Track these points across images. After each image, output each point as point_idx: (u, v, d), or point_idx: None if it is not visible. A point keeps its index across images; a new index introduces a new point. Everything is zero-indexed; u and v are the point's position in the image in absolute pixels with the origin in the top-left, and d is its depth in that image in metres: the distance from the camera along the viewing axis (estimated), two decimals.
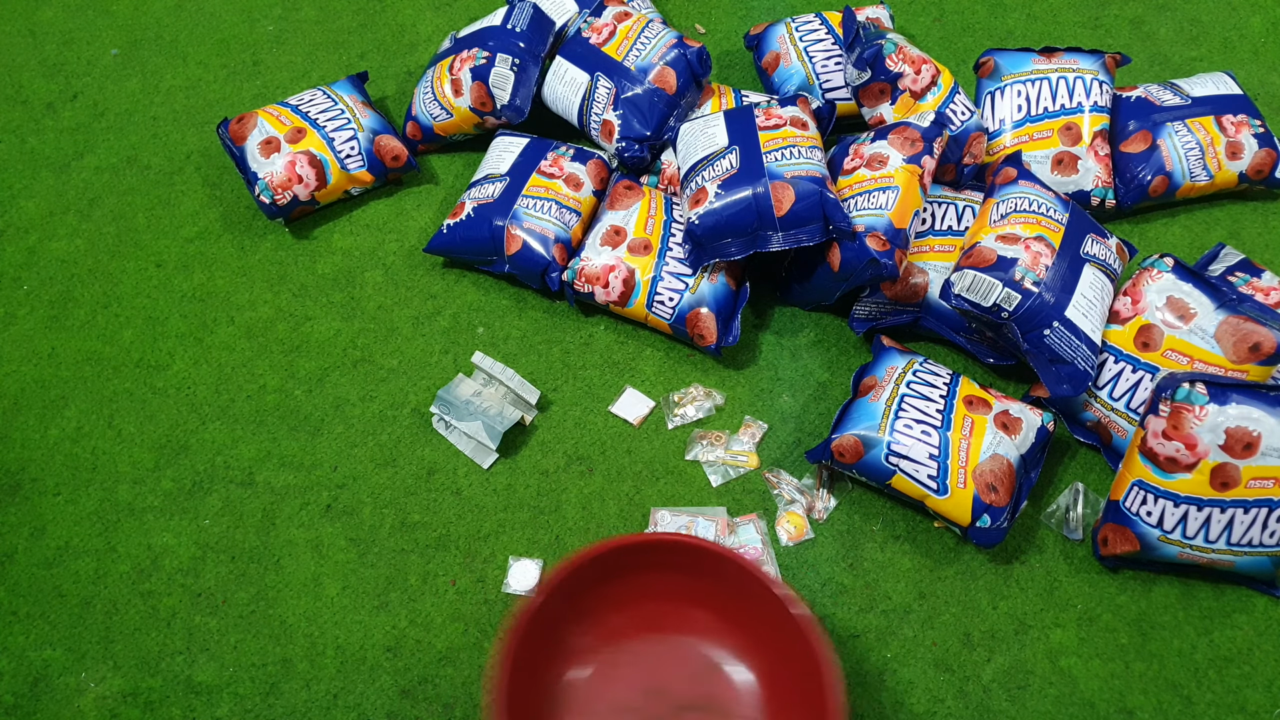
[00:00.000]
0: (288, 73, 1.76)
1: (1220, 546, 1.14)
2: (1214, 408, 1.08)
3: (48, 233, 1.56)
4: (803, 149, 1.32)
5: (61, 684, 1.16)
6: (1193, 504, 1.12)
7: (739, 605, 1.09)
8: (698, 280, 1.35)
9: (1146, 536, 1.16)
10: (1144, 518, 1.15)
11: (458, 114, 1.55)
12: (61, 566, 1.25)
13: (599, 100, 1.49)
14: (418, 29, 1.82)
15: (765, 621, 1.07)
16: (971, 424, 1.20)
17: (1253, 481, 1.10)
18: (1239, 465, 1.09)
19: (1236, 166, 1.47)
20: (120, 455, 1.33)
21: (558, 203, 1.43)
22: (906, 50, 1.41)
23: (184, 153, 1.65)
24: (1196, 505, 1.12)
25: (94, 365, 1.41)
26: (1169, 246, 1.51)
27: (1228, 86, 1.53)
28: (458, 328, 1.45)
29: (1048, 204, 1.30)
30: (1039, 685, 1.15)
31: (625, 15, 1.53)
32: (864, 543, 1.25)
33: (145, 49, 1.80)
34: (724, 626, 1.12)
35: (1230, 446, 1.08)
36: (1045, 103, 1.46)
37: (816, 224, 1.28)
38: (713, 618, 1.12)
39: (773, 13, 1.82)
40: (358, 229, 1.55)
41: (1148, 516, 1.15)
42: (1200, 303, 1.20)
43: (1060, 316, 1.21)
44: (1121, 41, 1.77)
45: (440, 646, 1.18)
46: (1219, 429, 1.08)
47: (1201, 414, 1.09)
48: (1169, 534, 1.14)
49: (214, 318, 1.46)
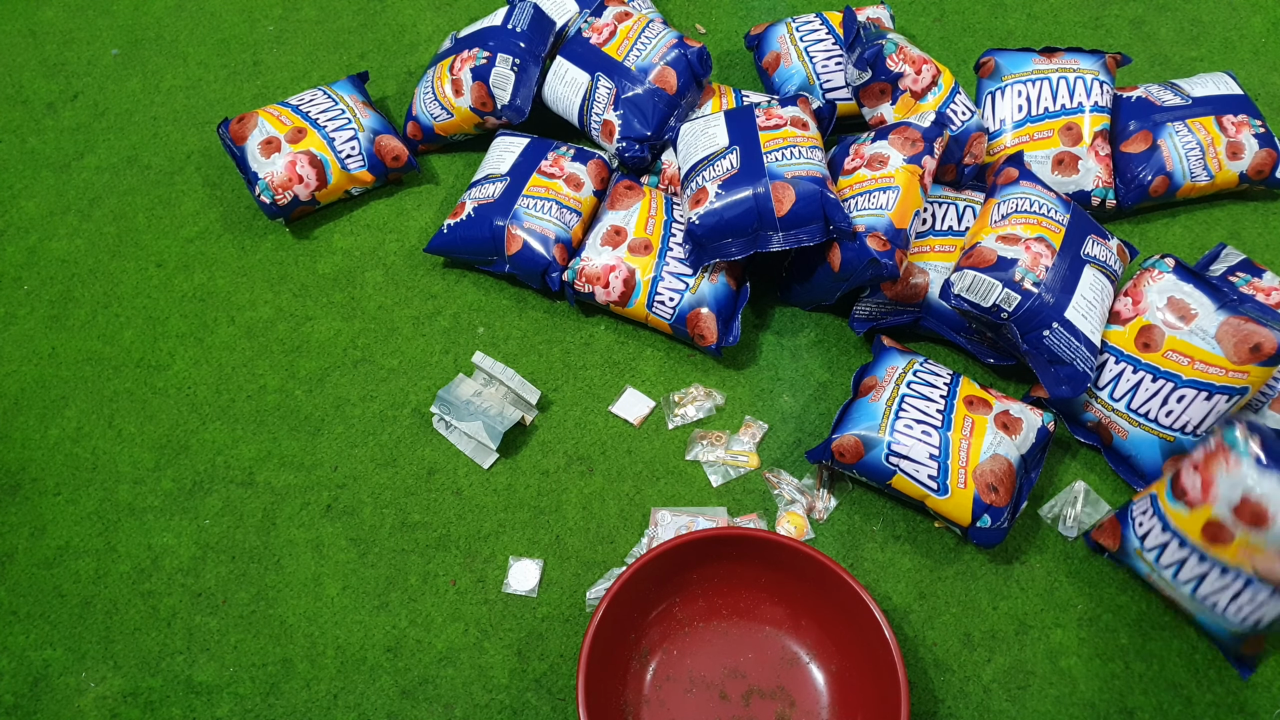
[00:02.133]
0: (288, 73, 1.76)
1: (1184, 593, 1.11)
2: (1250, 468, 1.02)
3: (48, 232, 1.56)
4: (803, 149, 1.32)
5: (61, 684, 1.16)
6: (1178, 539, 1.09)
7: (819, 605, 1.13)
8: (698, 280, 1.35)
9: (1128, 543, 1.16)
10: (1136, 526, 1.15)
11: (458, 114, 1.55)
12: (62, 566, 1.25)
13: (599, 100, 1.49)
14: (418, 29, 1.82)
15: (843, 623, 1.11)
16: (972, 424, 1.20)
17: (1243, 551, 1.04)
18: (1236, 532, 1.03)
19: (1237, 166, 1.47)
20: (120, 455, 1.33)
21: (558, 203, 1.43)
22: (907, 50, 1.41)
23: (184, 153, 1.65)
24: (1180, 542, 1.09)
25: (94, 365, 1.42)
26: (1169, 247, 1.51)
27: (1228, 87, 1.53)
28: (458, 328, 1.45)
29: (1049, 205, 1.30)
30: (1039, 685, 1.15)
31: (626, 15, 1.53)
32: (864, 543, 1.25)
33: (146, 49, 1.80)
34: (803, 623, 1.16)
35: (1241, 511, 1.02)
36: (1046, 103, 1.46)
37: (817, 224, 1.28)
38: (793, 613, 1.16)
39: (773, 13, 1.82)
40: (358, 229, 1.55)
41: (1139, 526, 1.14)
42: (1201, 303, 1.20)
43: (1060, 317, 1.21)
44: (1122, 42, 1.76)
45: (440, 646, 1.18)
46: (1238, 488, 1.02)
47: (1233, 464, 1.03)
48: (1146, 552, 1.13)
49: (214, 318, 1.46)
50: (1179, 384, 1.18)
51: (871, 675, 1.07)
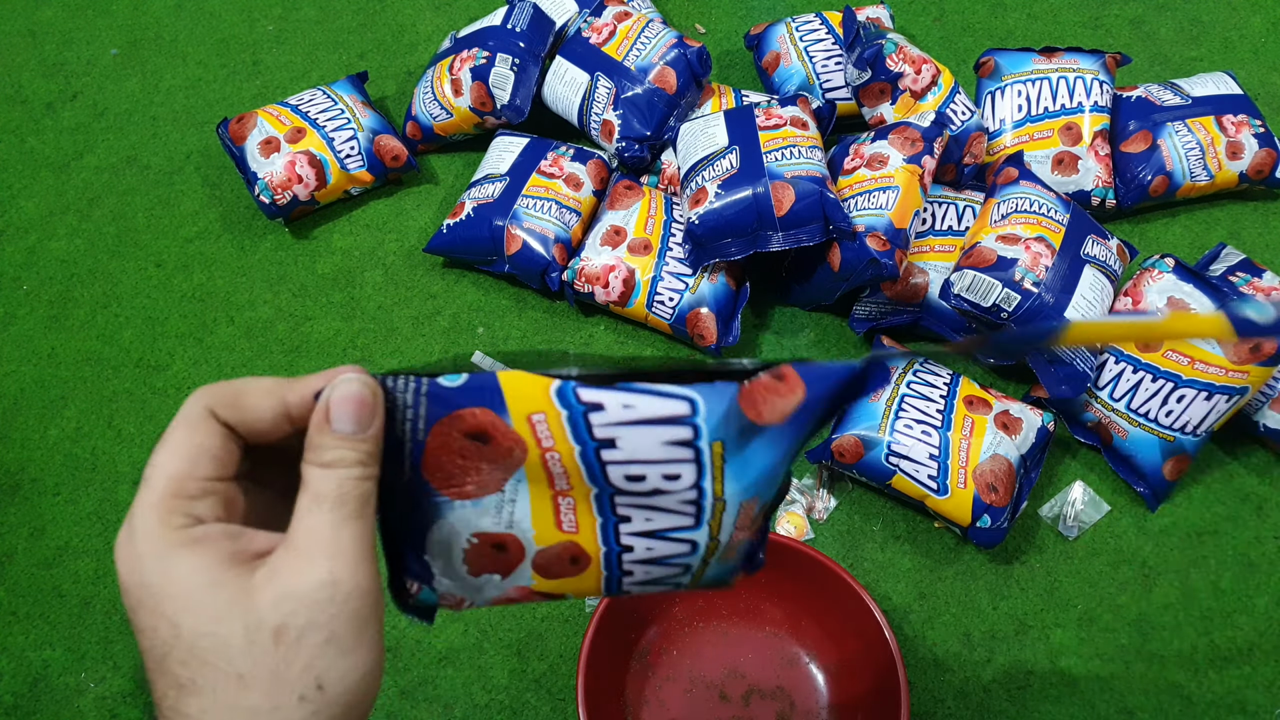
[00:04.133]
0: (287, 72, 1.76)
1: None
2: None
3: (47, 233, 1.56)
4: (803, 149, 1.32)
5: (61, 684, 1.16)
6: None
7: (819, 605, 1.13)
8: (698, 280, 1.35)
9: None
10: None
11: (458, 114, 1.55)
12: (61, 567, 1.24)
13: (599, 100, 1.49)
14: (417, 29, 1.82)
15: (843, 623, 1.11)
16: (972, 424, 1.20)
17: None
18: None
19: (1237, 166, 1.47)
20: (120, 455, 1.33)
21: (558, 202, 1.43)
22: (907, 50, 1.41)
23: (184, 153, 1.65)
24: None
25: (93, 365, 1.41)
26: (1169, 246, 1.51)
27: (1228, 86, 1.52)
28: (457, 328, 1.44)
29: (1049, 204, 1.30)
30: (1039, 685, 1.15)
31: (625, 15, 1.53)
32: (864, 543, 1.25)
33: (145, 49, 1.80)
34: (803, 623, 1.16)
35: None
36: (1045, 102, 1.46)
37: (817, 224, 1.28)
38: (793, 613, 1.16)
39: (773, 12, 1.82)
40: (357, 229, 1.55)
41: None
42: (1201, 303, 1.20)
43: (1060, 317, 1.21)
44: (1122, 41, 1.76)
45: (440, 646, 1.18)
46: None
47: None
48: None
49: (213, 318, 1.46)
50: (1179, 384, 1.18)
51: (871, 675, 1.07)
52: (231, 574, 0.36)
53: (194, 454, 0.38)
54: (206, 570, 0.36)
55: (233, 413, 0.39)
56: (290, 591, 0.36)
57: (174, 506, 0.37)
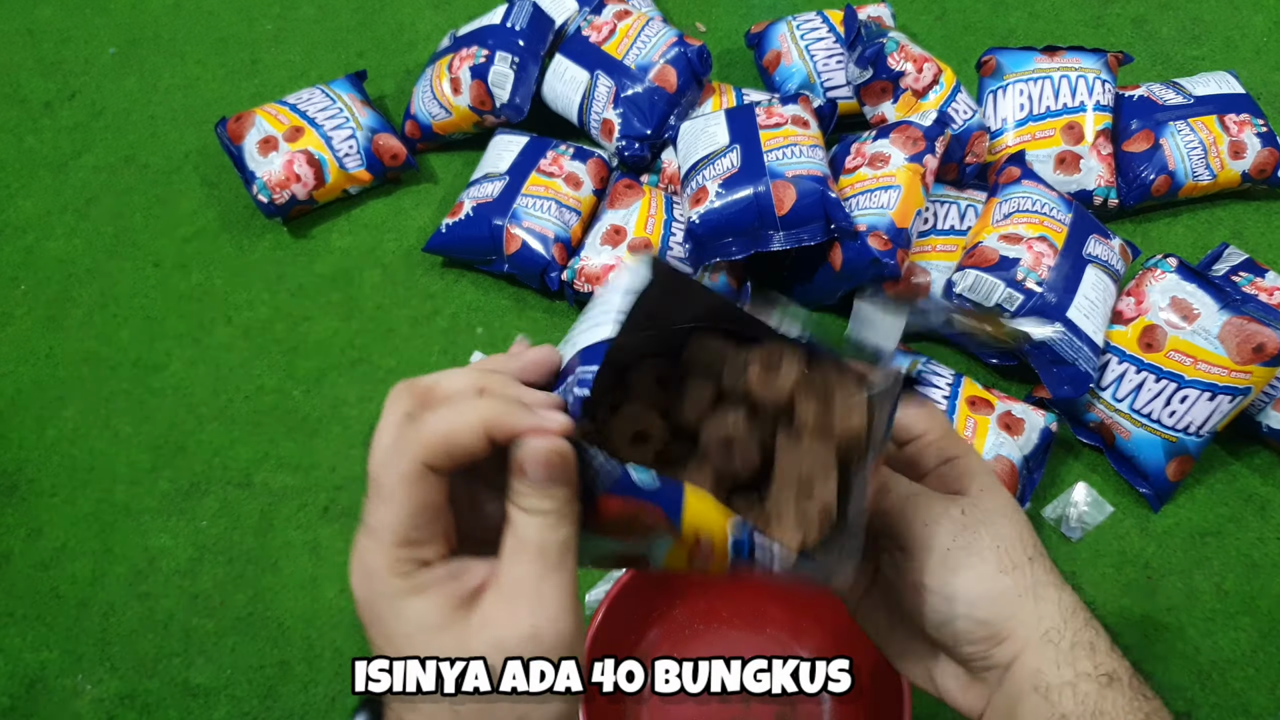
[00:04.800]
0: (286, 71, 1.75)
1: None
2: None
3: (45, 232, 1.55)
4: (804, 148, 1.32)
5: (58, 686, 1.16)
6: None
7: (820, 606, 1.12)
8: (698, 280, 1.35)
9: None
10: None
11: (457, 112, 1.54)
12: (58, 568, 1.24)
13: (599, 98, 1.48)
14: (416, 27, 1.81)
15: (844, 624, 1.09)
16: (974, 425, 1.19)
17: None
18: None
19: (1239, 166, 1.46)
20: (117, 456, 1.32)
21: (557, 202, 1.42)
22: (908, 49, 1.40)
23: (182, 152, 1.65)
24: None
25: (91, 365, 1.41)
26: (1172, 246, 1.50)
27: (1230, 85, 1.52)
28: (456, 328, 1.44)
29: (1051, 204, 1.30)
30: None
31: (625, 13, 1.53)
32: None
33: (143, 48, 1.80)
34: (804, 624, 1.15)
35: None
36: (1048, 101, 1.45)
37: (818, 223, 1.27)
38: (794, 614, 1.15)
39: (774, 11, 1.81)
40: (356, 228, 1.55)
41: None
42: (1204, 303, 1.19)
43: (1062, 317, 1.20)
44: (1124, 40, 1.76)
45: None
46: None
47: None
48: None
49: (211, 318, 1.45)
50: (1182, 384, 1.18)
51: (873, 677, 1.06)
52: (453, 618, 0.40)
53: (416, 511, 0.41)
54: (433, 613, 0.40)
55: (447, 462, 0.41)
56: (499, 641, 0.40)
57: (402, 555, 0.40)
